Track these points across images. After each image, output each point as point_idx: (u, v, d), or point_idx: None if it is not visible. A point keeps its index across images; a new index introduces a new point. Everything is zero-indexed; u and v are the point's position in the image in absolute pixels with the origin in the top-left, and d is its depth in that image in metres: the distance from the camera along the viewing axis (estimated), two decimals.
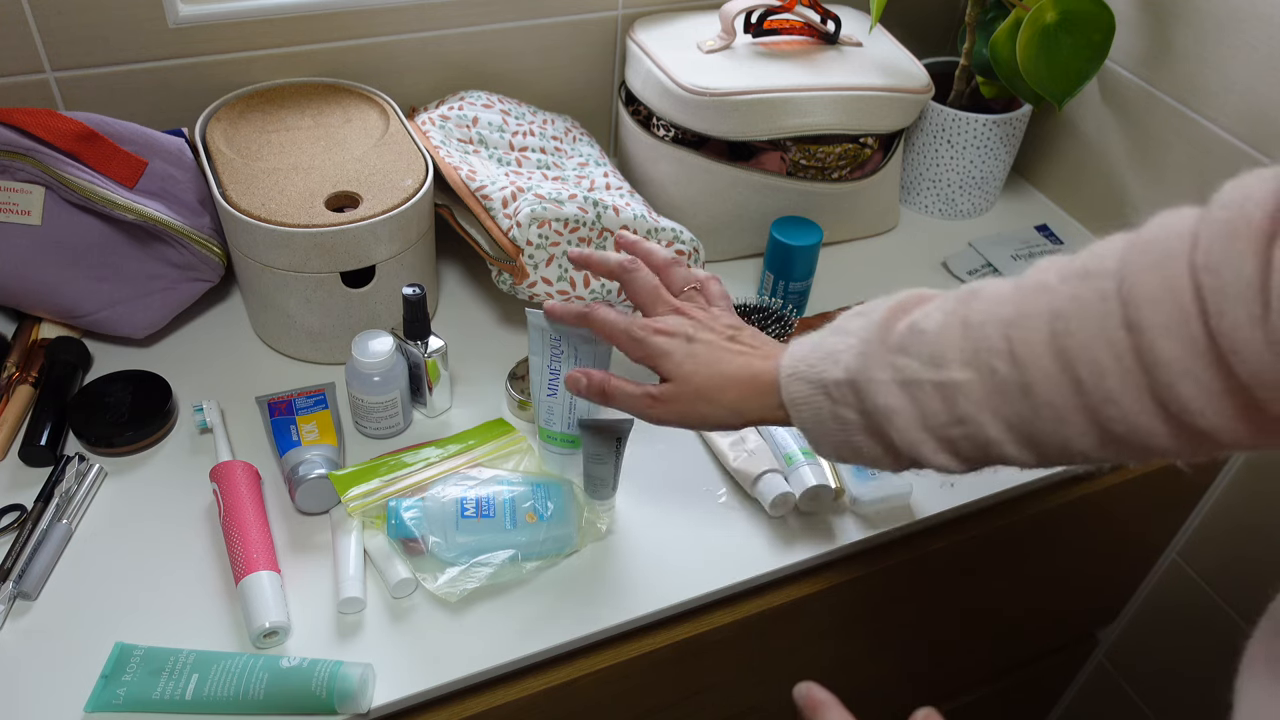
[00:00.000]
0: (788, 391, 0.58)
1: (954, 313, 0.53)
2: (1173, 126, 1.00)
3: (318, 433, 0.76)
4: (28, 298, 0.82)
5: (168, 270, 0.84)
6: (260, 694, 0.61)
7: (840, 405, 0.56)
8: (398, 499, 0.71)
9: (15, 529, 0.71)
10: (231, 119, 0.87)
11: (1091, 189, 1.12)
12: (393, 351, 0.76)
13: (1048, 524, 0.90)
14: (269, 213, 0.77)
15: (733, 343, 0.63)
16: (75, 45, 0.85)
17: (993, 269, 1.05)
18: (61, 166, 0.78)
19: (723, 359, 0.61)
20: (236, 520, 0.69)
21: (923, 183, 1.11)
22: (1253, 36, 0.89)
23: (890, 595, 0.85)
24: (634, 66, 1.01)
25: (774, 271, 0.93)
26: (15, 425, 0.77)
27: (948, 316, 0.53)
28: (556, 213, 0.83)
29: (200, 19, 0.88)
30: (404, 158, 0.85)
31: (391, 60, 0.98)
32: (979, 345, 0.51)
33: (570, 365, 0.74)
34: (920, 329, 0.53)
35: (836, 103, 0.95)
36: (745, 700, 0.87)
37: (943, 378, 0.52)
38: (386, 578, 0.68)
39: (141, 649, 0.63)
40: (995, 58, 0.99)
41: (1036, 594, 1.04)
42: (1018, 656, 1.15)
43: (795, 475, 0.77)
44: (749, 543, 0.76)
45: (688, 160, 0.97)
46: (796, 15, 1.01)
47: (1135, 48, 1.02)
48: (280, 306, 0.82)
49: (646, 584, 0.72)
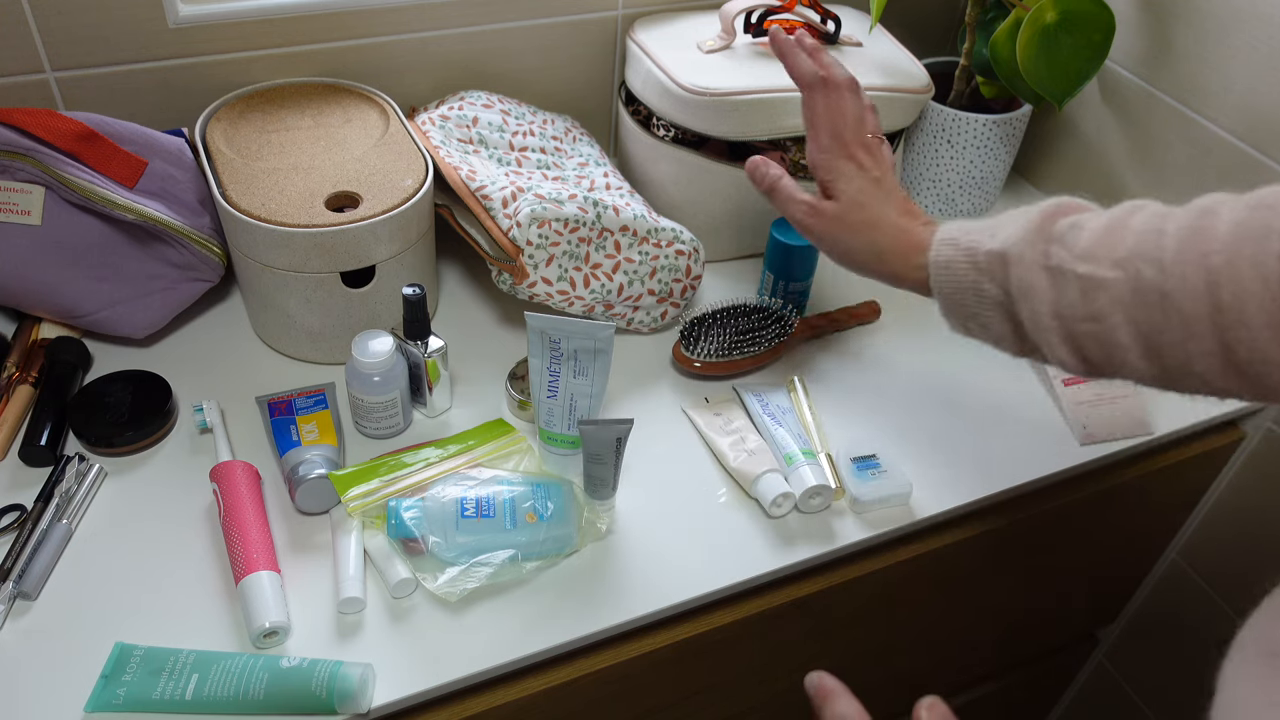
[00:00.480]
0: (936, 252, 0.61)
1: (1116, 218, 0.55)
2: (1173, 126, 1.00)
3: (318, 433, 0.76)
4: (28, 298, 0.82)
5: (168, 270, 0.84)
6: (260, 694, 0.61)
7: (984, 277, 0.58)
8: (398, 499, 0.71)
9: (15, 529, 0.71)
10: (231, 119, 0.87)
11: (1091, 189, 1.11)
12: (393, 351, 0.76)
13: (1048, 524, 0.90)
14: (269, 213, 0.77)
15: (907, 203, 0.66)
16: (75, 45, 0.85)
17: None
18: (61, 166, 0.78)
19: (891, 207, 0.64)
20: (236, 520, 0.69)
21: (923, 183, 1.11)
22: (1253, 36, 0.89)
23: (890, 595, 0.85)
24: (634, 66, 1.01)
25: (774, 271, 0.93)
26: (15, 425, 0.77)
27: (1110, 220, 0.55)
28: (556, 213, 0.83)
29: (200, 19, 0.88)
30: (404, 158, 0.85)
31: (391, 60, 0.98)
32: (1132, 249, 0.53)
33: (570, 368, 0.74)
34: (1080, 225, 0.56)
35: None
36: (745, 700, 0.87)
37: (1089, 270, 0.54)
38: (386, 578, 0.68)
39: (141, 649, 0.63)
40: (995, 58, 0.99)
41: (1036, 594, 1.04)
42: (1018, 656, 1.15)
43: (795, 475, 0.77)
44: (749, 543, 0.76)
45: (688, 160, 0.97)
46: (796, 15, 1.01)
47: (1135, 48, 1.02)
48: (280, 306, 0.82)
49: (646, 584, 0.72)
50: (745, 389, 0.87)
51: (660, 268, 0.89)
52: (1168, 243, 0.52)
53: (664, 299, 0.91)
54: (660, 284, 0.90)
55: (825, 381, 0.90)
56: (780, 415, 0.83)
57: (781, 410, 0.84)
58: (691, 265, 0.91)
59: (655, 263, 0.89)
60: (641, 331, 0.93)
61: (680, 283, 0.91)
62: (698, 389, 0.88)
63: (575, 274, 0.86)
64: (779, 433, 0.81)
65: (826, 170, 0.66)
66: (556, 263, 0.84)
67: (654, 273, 0.89)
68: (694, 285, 0.92)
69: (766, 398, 0.85)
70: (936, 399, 0.89)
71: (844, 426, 0.85)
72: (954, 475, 0.82)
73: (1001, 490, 0.82)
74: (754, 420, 0.84)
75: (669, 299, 0.92)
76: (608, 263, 0.87)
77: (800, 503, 0.77)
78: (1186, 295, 0.50)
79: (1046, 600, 1.06)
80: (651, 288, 0.90)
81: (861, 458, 0.80)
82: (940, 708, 0.46)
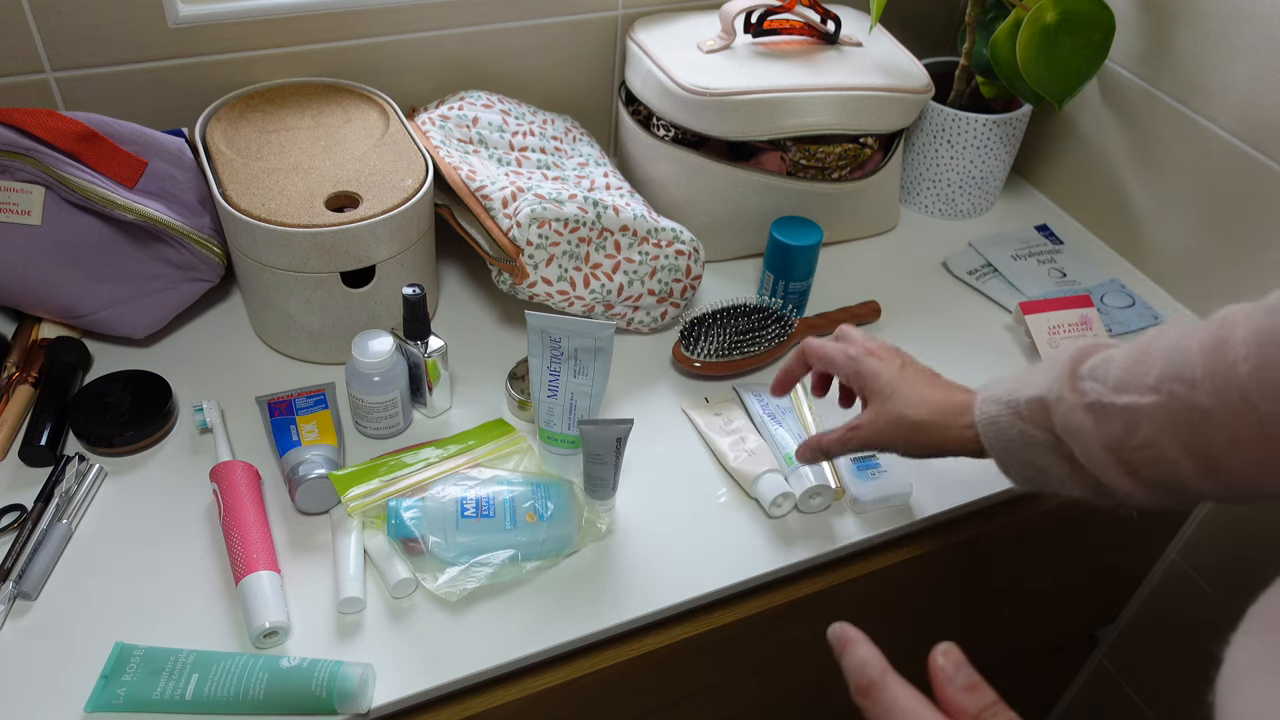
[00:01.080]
0: (980, 410, 0.64)
1: (1140, 345, 0.57)
2: (1173, 126, 1.00)
3: (318, 433, 0.76)
4: (28, 298, 0.82)
5: (168, 270, 0.84)
6: (260, 694, 0.61)
7: (1028, 423, 0.61)
8: (398, 499, 0.71)
9: (15, 529, 0.71)
10: (231, 119, 0.87)
11: (1091, 189, 1.11)
12: (393, 351, 0.76)
13: (1048, 524, 0.90)
14: (269, 213, 0.77)
15: (936, 377, 0.70)
16: (75, 45, 0.85)
17: (993, 269, 1.05)
18: (61, 166, 0.78)
19: (925, 382, 0.68)
20: (236, 520, 0.69)
21: (923, 183, 1.11)
22: (1253, 36, 0.89)
23: (890, 595, 0.85)
24: (634, 66, 1.01)
25: (774, 271, 0.93)
26: (15, 425, 0.77)
27: (1136, 349, 0.57)
28: (556, 213, 0.83)
29: (200, 19, 0.88)
30: (404, 158, 0.85)
31: (391, 60, 0.98)
32: (1163, 372, 0.54)
33: (570, 368, 0.74)
34: (1109, 359, 0.58)
35: (836, 103, 0.95)
36: (745, 700, 0.87)
37: (1128, 401, 0.55)
38: (386, 578, 0.68)
39: (141, 649, 0.63)
40: (995, 58, 0.99)
41: (1036, 594, 1.04)
42: (1018, 656, 1.15)
43: (795, 475, 0.77)
44: (749, 543, 0.76)
45: (688, 160, 0.97)
46: (796, 15, 1.01)
47: (1135, 48, 1.02)
48: (280, 306, 0.82)
49: (646, 584, 0.72)
50: (745, 389, 0.87)
51: (660, 268, 0.89)
52: (1194, 359, 0.53)
53: (664, 299, 0.91)
54: (660, 284, 0.90)
55: None
56: (780, 415, 0.83)
57: (782, 410, 0.84)
58: (691, 265, 0.91)
59: (655, 263, 0.89)
60: (641, 331, 0.93)
61: (680, 283, 0.91)
62: (698, 389, 0.88)
63: (575, 274, 0.86)
64: (779, 432, 0.81)
65: (858, 374, 0.70)
66: (556, 263, 0.84)
67: (654, 273, 0.89)
68: (694, 285, 0.92)
69: (767, 398, 0.85)
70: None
71: None
72: (953, 475, 0.82)
73: (1001, 490, 0.82)
74: (754, 420, 0.84)
75: (669, 299, 0.92)
76: (608, 263, 0.87)
77: (800, 503, 0.77)
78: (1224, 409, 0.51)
79: (1046, 600, 1.06)
80: (651, 288, 0.90)
81: (861, 458, 0.80)
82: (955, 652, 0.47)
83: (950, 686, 0.45)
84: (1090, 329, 0.95)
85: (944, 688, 0.45)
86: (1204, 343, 0.53)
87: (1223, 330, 0.52)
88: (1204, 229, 1.00)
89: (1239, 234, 0.96)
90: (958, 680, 0.45)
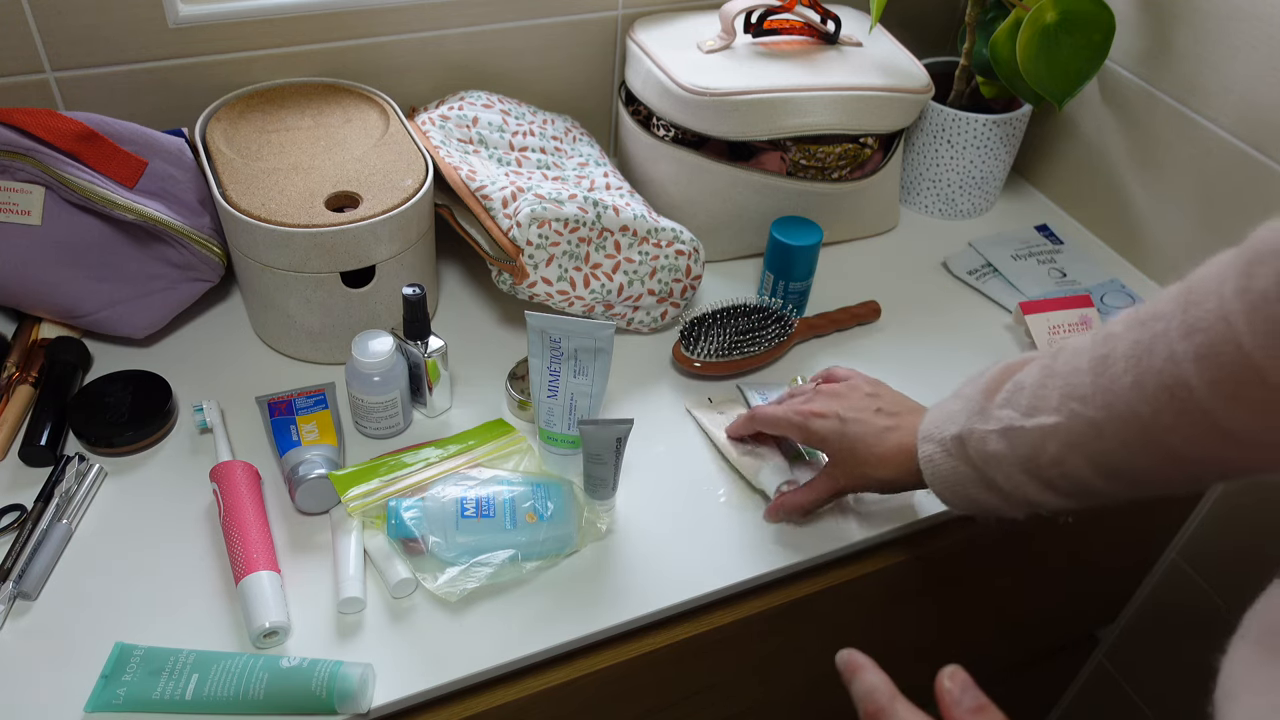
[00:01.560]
0: (920, 452, 0.66)
1: (1045, 366, 0.60)
2: (1173, 126, 1.00)
3: (318, 433, 0.76)
4: (28, 298, 0.82)
5: (168, 270, 0.84)
6: (260, 694, 0.61)
7: (956, 459, 0.63)
8: (398, 499, 0.71)
9: (15, 529, 0.71)
10: (231, 119, 0.87)
11: (1091, 189, 1.11)
12: (393, 351, 0.76)
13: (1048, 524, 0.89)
14: (269, 213, 0.77)
15: (879, 415, 0.71)
16: (75, 45, 0.85)
17: (993, 269, 1.05)
18: (61, 166, 0.78)
19: (872, 437, 0.69)
20: (236, 520, 0.69)
21: (923, 183, 1.11)
22: (1253, 36, 0.89)
23: (891, 595, 0.85)
24: (634, 66, 1.01)
25: (774, 271, 0.93)
26: (15, 425, 0.77)
27: (1041, 369, 0.60)
28: (556, 213, 0.83)
29: (200, 19, 0.88)
30: (404, 158, 0.85)
31: (391, 60, 0.98)
32: (1062, 391, 0.57)
33: (570, 368, 0.74)
34: (1020, 384, 0.60)
35: (836, 103, 0.95)
36: (745, 700, 0.87)
37: (1035, 423, 0.58)
38: (386, 578, 0.68)
39: (141, 649, 0.63)
40: (995, 58, 0.99)
41: (1036, 594, 1.03)
42: (1018, 656, 1.15)
43: (796, 474, 0.77)
44: (749, 543, 0.76)
45: (688, 160, 0.97)
46: (796, 15, 1.01)
47: (1135, 48, 1.02)
48: (280, 306, 0.82)
49: (646, 584, 0.72)
50: (749, 387, 0.87)
51: (660, 268, 0.89)
52: (1085, 379, 0.56)
53: (664, 299, 0.91)
54: (660, 284, 0.90)
55: None
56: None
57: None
58: (691, 265, 0.91)
59: (655, 263, 0.89)
60: (641, 331, 0.93)
61: (680, 283, 0.91)
62: (698, 389, 0.88)
63: (575, 274, 0.86)
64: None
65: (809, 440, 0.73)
66: (556, 263, 0.84)
67: (654, 273, 0.89)
68: (694, 285, 0.92)
69: (770, 395, 0.85)
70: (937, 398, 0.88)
71: None
72: None
73: None
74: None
75: (669, 299, 0.92)
76: (608, 263, 0.87)
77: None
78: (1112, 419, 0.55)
79: (1046, 600, 1.06)
80: (651, 288, 0.90)
81: None
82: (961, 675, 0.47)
83: (958, 709, 0.45)
84: (1090, 329, 0.95)
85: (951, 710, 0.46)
86: (1092, 360, 0.56)
87: (1104, 348, 0.56)
88: (1204, 229, 0.99)
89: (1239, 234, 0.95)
90: (965, 703, 0.46)
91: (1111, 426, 0.55)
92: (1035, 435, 0.59)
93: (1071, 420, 0.57)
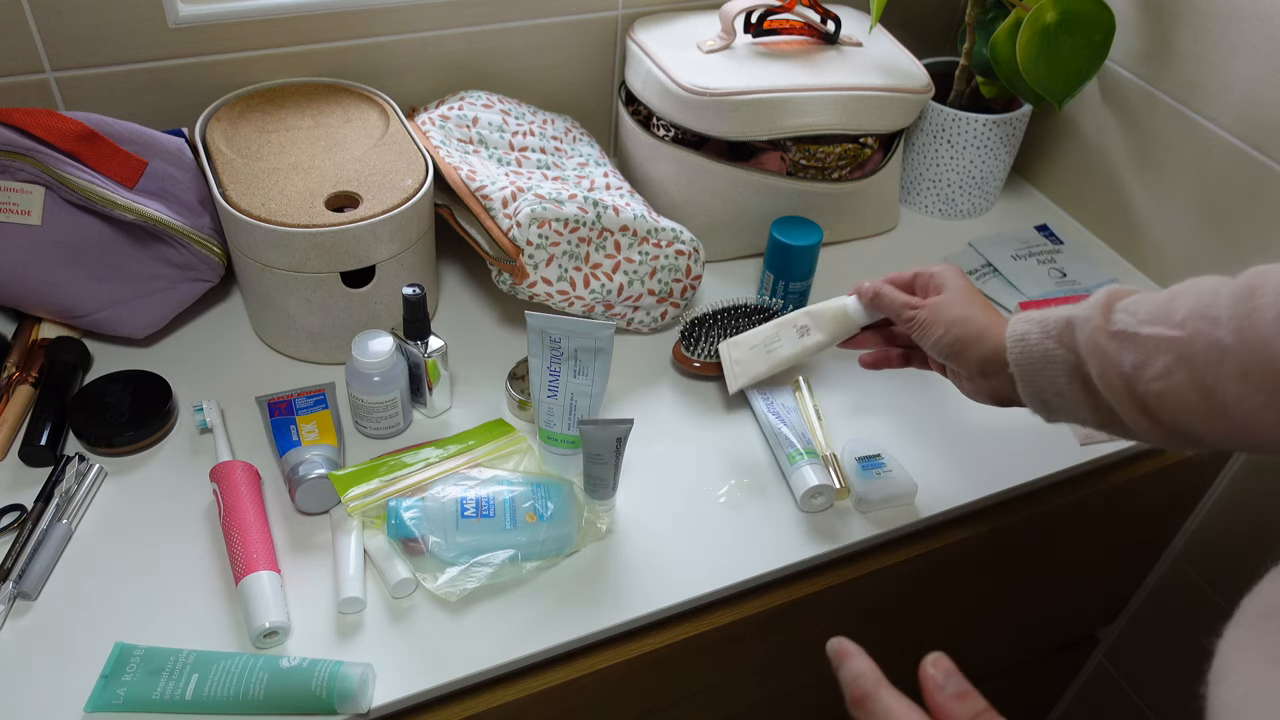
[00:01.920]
0: (1012, 327, 0.65)
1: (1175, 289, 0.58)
2: (1173, 126, 1.00)
3: (318, 433, 0.76)
4: (28, 298, 0.82)
5: (168, 270, 0.84)
6: (260, 694, 0.61)
7: (1054, 341, 0.62)
8: (398, 499, 0.71)
9: (15, 529, 0.71)
10: (231, 119, 0.87)
11: (1091, 189, 1.11)
12: (393, 351, 0.76)
13: (1048, 524, 0.90)
14: (269, 213, 0.77)
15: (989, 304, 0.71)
16: (75, 45, 0.85)
17: (993, 269, 1.05)
18: (61, 166, 0.78)
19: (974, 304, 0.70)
20: (236, 520, 0.69)
21: (923, 183, 1.11)
22: (1253, 36, 0.89)
23: (891, 595, 0.85)
24: (634, 66, 1.01)
25: (774, 271, 0.93)
26: (15, 425, 0.77)
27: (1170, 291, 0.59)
28: (556, 213, 0.83)
29: (200, 19, 0.88)
30: (404, 158, 0.85)
31: (391, 60, 0.98)
32: (1191, 309, 0.56)
33: (570, 368, 0.74)
34: (1143, 298, 0.60)
35: (836, 103, 0.95)
36: (745, 700, 0.87)
37: (1151, 332, 0.57)
38: (386, 578, 0.68)
39: (141, 649, 0.63)
40: (995, 58, 0.99)
41: (1036, 594, 1.04)
42: (1018, 656, 1.15)
43: (797, 474, 0.77)
44: (749, 543, 0.76)
45: (688, 160, 0.97)
46: (796, 15, 1.01)
47: (1135, 48, 1.02)
48: (280, 306, 0.82)
49: (646, 584, 0.72)
50: (751, 387, 0.87)
51: (660, 268, 0.89)
52: (1222, 301, 0.55)
53: (664, 299, 0.91)
54: (660, 284, 0.90)
55: (829, 381, 0.90)
56: (785, 414, 0.83)
57: (786, 409, 0.84)
58: (691, 265, 0.91)
59: (655, 263, 0.89)
60: (641, 331, 0.93)
61: (680, 283, 0.91)
62: (698, 389, 0.88)
63: (575, 274, 0.86)
64: (783, 431, 0.81)
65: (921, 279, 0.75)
66: (556, 263, 0.84)
67: (654, 273, 0.89)
68: (694, 285, 0.92)
69: (772, 397, 0.85)
70: (940, 399, 0.89)
71: (849, 426, 0.85)
72: (957, 475, 0.82)
73: (1004, 490, 0.82)
74: (759, 419, 0.84)
75: (669, 299, 0.92)
76: (608, 263, 0.87)
77: (802, 503, 0.77)
78: (1241, 345, 0.53)
79: (1046, 600, 1.06)
80: (651, 288, 0.90)
81: (866, 457, 0.80)
82: (945, 662, 0.48)
83: (941, 695, 0.46)
84: None
85: (934, 696, 0.46)
86: (1234, 290, 0.55)
87: (1255, 280, 0.54)
88: (1204, 229, 1.00)
89: (1239, 234, 0.96)
90: (948, 688, 0.46)
91: (1238, 353, 0.53)
92: (1150, 344, 0.57)
93: (1195, 337, 0.55)
